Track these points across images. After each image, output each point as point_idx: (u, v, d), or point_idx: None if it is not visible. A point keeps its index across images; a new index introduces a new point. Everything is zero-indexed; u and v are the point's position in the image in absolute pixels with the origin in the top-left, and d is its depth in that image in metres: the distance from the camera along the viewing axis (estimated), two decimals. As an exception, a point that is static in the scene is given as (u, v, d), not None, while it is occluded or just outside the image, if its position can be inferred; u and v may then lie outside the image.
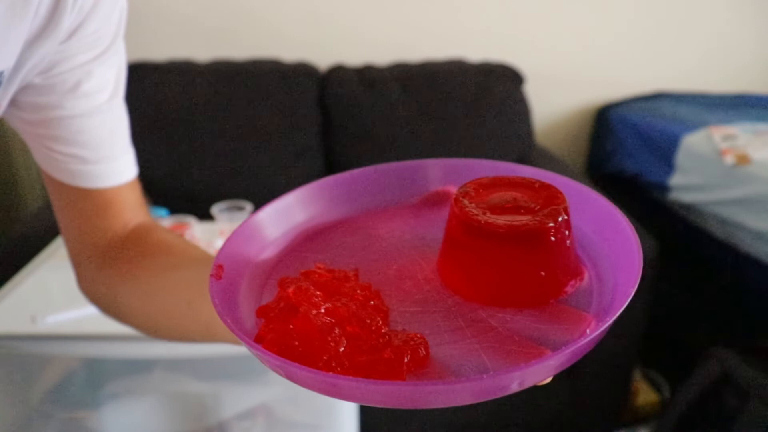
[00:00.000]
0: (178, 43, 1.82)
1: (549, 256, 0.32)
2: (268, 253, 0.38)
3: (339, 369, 0.28)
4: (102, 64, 0.46)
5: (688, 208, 1.56)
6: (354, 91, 1.72)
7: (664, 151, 1.62)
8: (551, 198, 0.34)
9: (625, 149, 1.79)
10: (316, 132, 1.72)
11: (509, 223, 0.32)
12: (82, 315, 0.95)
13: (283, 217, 0.39)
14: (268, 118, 1.68)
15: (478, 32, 1.91)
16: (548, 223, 0.32)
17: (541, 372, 0.27)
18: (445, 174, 0.41)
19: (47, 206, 1.37)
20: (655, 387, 1.62)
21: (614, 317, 0.28)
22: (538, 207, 0.33)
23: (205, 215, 1.29)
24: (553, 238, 0.32)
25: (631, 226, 0.33)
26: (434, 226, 0.38)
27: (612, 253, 0.34)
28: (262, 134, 1.68)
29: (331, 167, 1.74)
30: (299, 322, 0.29)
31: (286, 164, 1.68)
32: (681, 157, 1.57)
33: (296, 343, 0.28)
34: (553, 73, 1.94)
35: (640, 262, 0.31)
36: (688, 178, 1.55)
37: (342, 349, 0.28)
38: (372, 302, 0.31)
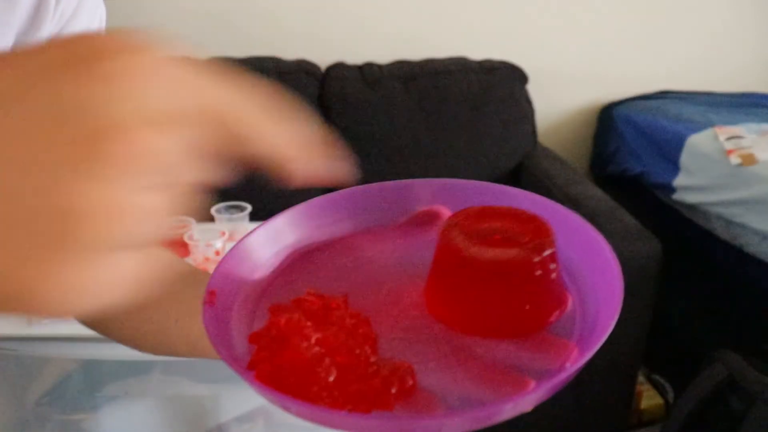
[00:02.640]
0: (176, 41, 1.81)
1: (534, 290, 0.33)
2: (258, 276, 0.38)
3: (329, 399, 0.28)
4: None
5: (693, 208, 1.55)
6: (355, 90, 1.71)
7: (669, 150, 1.61)
8: (538, 230, 0.34)
9: (628, 149, 1.78)
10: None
11: (495, 257, 0.33)
12: (78, 317, 0.94)
13: (273, 239, 0.39)
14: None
15: (481, 30, 1.90)
16: (534, 258, 0.32)
17: (524, 404, 0.28)
18: (433, 194, 0.41)
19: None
20: (660, 390, 1.61)
21: (593, 351, 0.28)
22: (526, 239, 0.34)
23: (204, 216, 1.28)
24: (538, 272, 0.32)
25: (614, 253, 0.34)
26: (421, 248, 0.38)
27: (595, 280, 0.34)
28: (262, 133, 1.67)
29: (331, 166, 1.73)
30: (290, 353, 0.29)
31: (286, 163, 1.67)
32: (685, 157, 1.56)
33: (286, 373, 0.29)
34: (557, 71, 1.93)
35: (621, 291, 0.31)
36: (693, 178, 1.54)
37: (332, 378, 0.29)
38: (360, 330, 0.32)
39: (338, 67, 1.76)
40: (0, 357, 0.98)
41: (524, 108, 1.77)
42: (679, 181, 1.57)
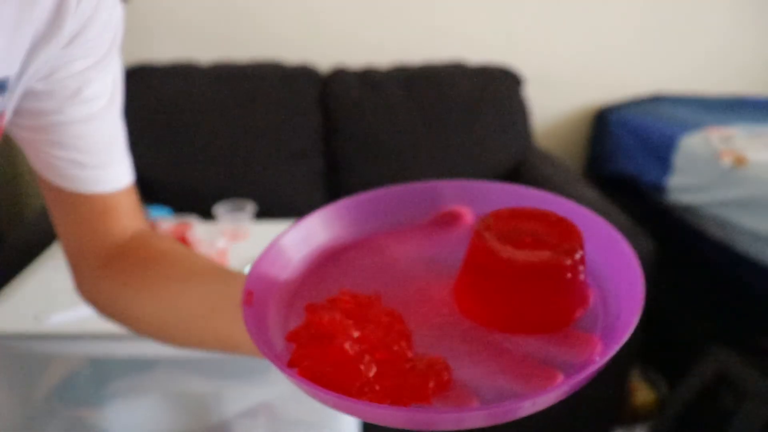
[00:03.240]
0: (180, 45, 1.82)
1: (564, 291, 0.34)
2: (291, 275, 0.39)
3: (370, 394, 0.29)
4: (101, 70, 0.46)
5: (686, 209, 1.56)
6: (355, 93, 1.72)
7: (662, 152, 1.62)
8: (568, 233, 0.35)
9: (623, 151, 1.79)
10: (317, 134, 1.72)
11: (528, 259, 0.34)
12: (85, 314, 0.95)
13: (305, 240, 0.41)
14: (269, 119, 1.68)
15: (478, 34, 1.91)
16: (566, 261, 0.33)
17: (554, 396, 0.29)
18: (455, 195, 0.43)
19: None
20: (653, 386, 1.62)
21: (620, 344, 0.30)
22: (557, 242, 0.35)
23: (207, 215, 1.30)
24: (569, 275, 0.34)
25: (634, 252, 0.35)
26: (446, 247, 0.40)
27: (615, 277, 0.35)
28: (263, 136, 1.68)
29: (331, 169, 1.75)
30: (334, 351, 0.30)
31: (287, 166, 1.69)
32: (679, 159, 1.57)
33: (329, 369, 0.30)
34: (552, 75, 1.95)
35: (642, 288, 0.32)
36: (686, 179, 1.56)
37: (372, 374, 0.30)
38: (396, 327, 0.33)
39: (338, 71, 1.77)
40: (9, 354, 0.99)
41: (520, 111, 1.78)
42: (672, 182, 1.59)
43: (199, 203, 1.44)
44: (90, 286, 0.52)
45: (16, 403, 1.03)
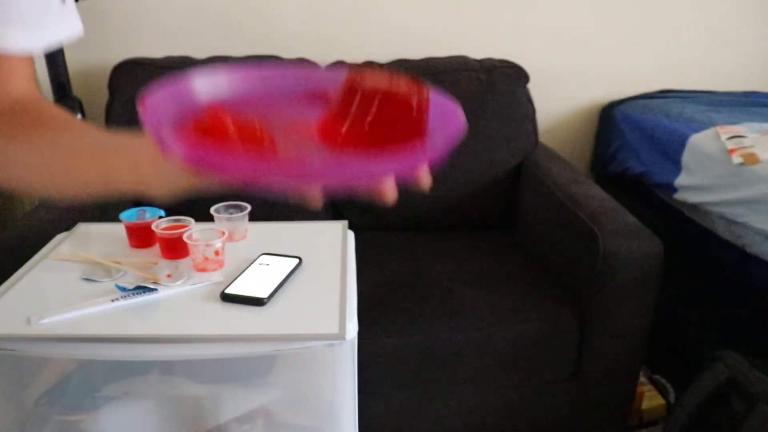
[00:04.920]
0: (175, 40, 1.81)
1: (406, 121, 0.45)
2: (189, 106, 0.48)
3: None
4: None
5: (695, 208, 1.55)
6: (355, 89, 1.71)
7: (670, 150, 1.60)
8: (420, 86, 0.47)
9: (630, 148, 1.77)
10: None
11: (387, 86, 0.45)
12: (77, 317, 0.94)
13: (207, 88, 0.51)
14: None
15: (481, 29, 1.90)
16: (414, 98, 0.45)
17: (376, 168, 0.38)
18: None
19: (42, 206, 1.36)
20: (661, 391, 1.61)
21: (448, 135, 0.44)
22: (410, 87, 0.46)
23: (204, 216, 1.28)
24: (414, 110, 0.45)
25: (460, 107, 0.48)
26: (318, 106, 0.50)
27: (444, 127, 0.48)
28: (262, 132, 1.66)
29: (332, 166, 1.73)
30: (211, 131, 0.41)
31: (286, 163, 1.67)
32: (687, 157, 1.55)
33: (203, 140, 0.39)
34: (557, 70, 1.93)
35: (460, 122, 0.46)
36: (695, 177, 1.54)
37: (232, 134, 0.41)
38: (261, 131, 0.43)
39: (339, 66, 1.76)
40: (-1, 357, 0.97)
41: (525, 107, 1.77)
42: (680, 180, 1.57)
43: (195, 203, 1.42)
44: None
45: (7, 407, 1.02)
